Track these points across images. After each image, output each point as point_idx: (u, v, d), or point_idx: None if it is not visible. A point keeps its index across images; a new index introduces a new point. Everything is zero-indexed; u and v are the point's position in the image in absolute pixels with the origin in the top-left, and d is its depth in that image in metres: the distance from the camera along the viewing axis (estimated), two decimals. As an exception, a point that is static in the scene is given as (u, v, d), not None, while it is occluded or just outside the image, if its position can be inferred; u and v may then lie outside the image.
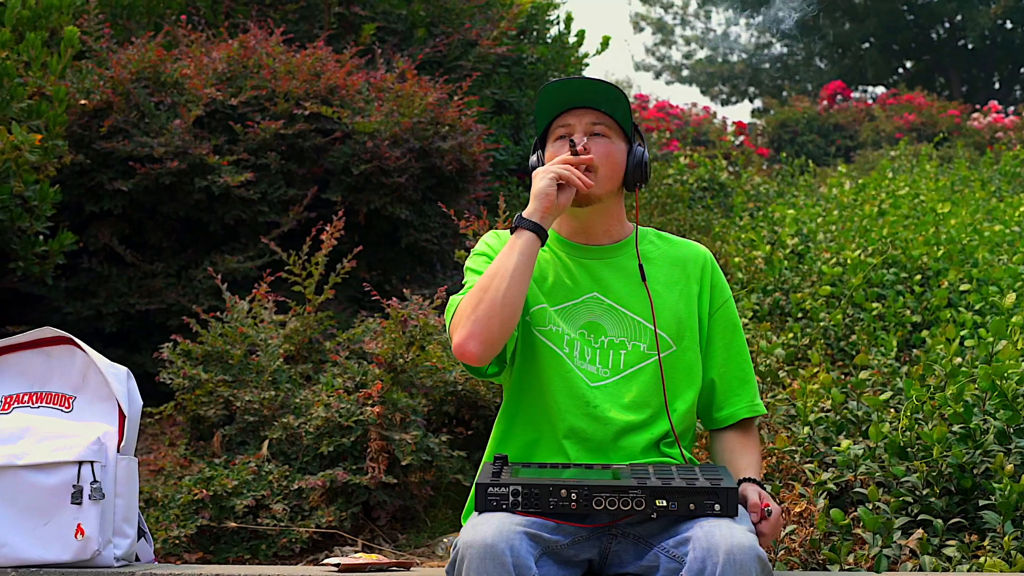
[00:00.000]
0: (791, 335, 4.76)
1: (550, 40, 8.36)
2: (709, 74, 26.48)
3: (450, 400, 4.33)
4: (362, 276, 5.38)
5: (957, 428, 3.22)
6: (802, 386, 3.81)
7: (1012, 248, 5.62)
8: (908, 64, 25.94)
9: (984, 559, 2.77)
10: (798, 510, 3.25)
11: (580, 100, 2.47)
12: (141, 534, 2.75)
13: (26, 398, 2.74)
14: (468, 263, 2.52)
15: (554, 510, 2.14)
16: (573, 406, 2.39)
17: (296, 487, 3.87)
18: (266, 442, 4.11)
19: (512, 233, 2.37)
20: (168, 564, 3.27)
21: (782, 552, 3.10)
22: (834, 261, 5.44)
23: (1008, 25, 23.49)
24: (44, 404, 2.73)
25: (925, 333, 4.45)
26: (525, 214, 2.36)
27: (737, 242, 6.42)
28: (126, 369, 2.76)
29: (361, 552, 3.59)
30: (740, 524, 2.12)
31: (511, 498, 2.14)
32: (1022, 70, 24.79)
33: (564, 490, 2.14)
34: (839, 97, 16.96)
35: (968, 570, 2.78)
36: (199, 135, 5.40)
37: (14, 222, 4.61)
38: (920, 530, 2.96)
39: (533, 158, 2.55)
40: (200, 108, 5.40)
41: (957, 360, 3.52)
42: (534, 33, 8.27)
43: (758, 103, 25.40)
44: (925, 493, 3.09)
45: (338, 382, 4.21)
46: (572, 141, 2.41)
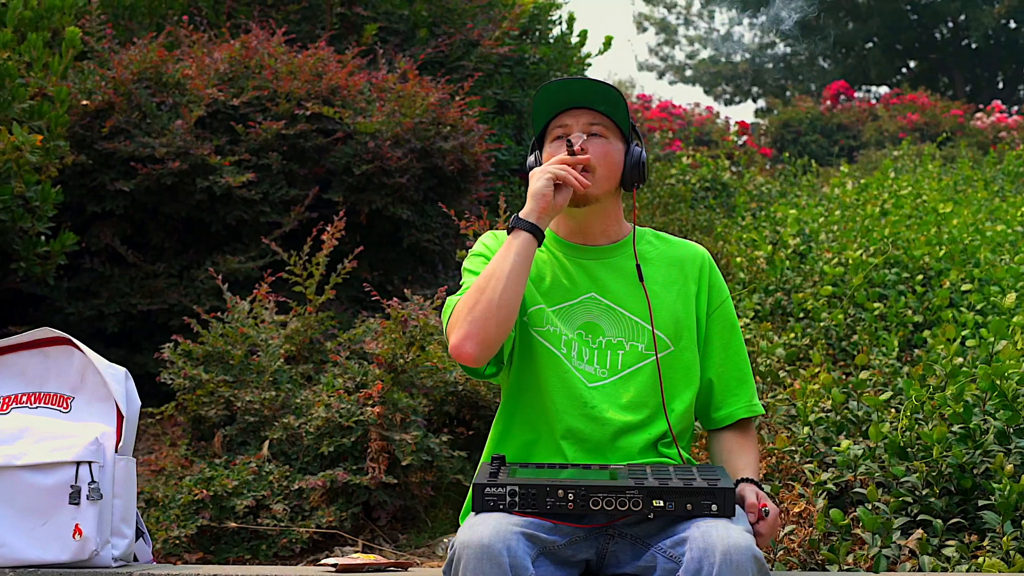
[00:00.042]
0: (792, 335, 4.75)
1: (552, 40, 8.35)
2: (712, 74, 26.47)
3: (451, 400, 4.33)
4: (364, 276, 5.38)
5: (957, 428, 3.21)
6: (803, 386, 3.80)
7: (1014, 248, 5.61)
8: (912, 64, 25.91)
9: (983, 559, 2.76)
10: (797, 510, 3.24)
11: (578, 100, 2.47)
12: (139, 534, 2.75)
13: (24, 398, 2.75)
14: (466, 264, 2.52)
15: (551, 510, 2.14)
16: (571, 406, 2.39)
17: (296, 487, 3.87)
18: (267, 442, 4.11)
19: (509, 234, 2.36)
20: (166, 564, 3.27)
21: (781, 552, 3.09)
22: (836, 261, 5.43)
23: (1012, 25, 23.46)
24: (42, 404, 2.73)
25: (927, 333, 4.44)
26: (522, 215, 2.36)
27: (739, 242, 6.42)
28: (124, 369, 2.77)
29: (359, 552, 3.59)
30: (737, 524, 2.11)
31: (508, 498, 2.14)
32: (1026, 70, 24.79)
33: (561, 490, 2.14)
34: (842, 97, 16.95)
35: (967, 570, 2.78)
36: (201, 135, 5.41)
37: (16, 222, 4.62)
38: (920, 530, 2.95)
39: (531, 158, 2.54)
40: (202, 108, 5.41)
41: (958, 360, 3.51)
42: (536, 33, 8.27)
43: (761, 103, 25.38)
44: (925, 493, 3.08)
45: (339, 382, 4.21)
46: (569, 141, 2.40)
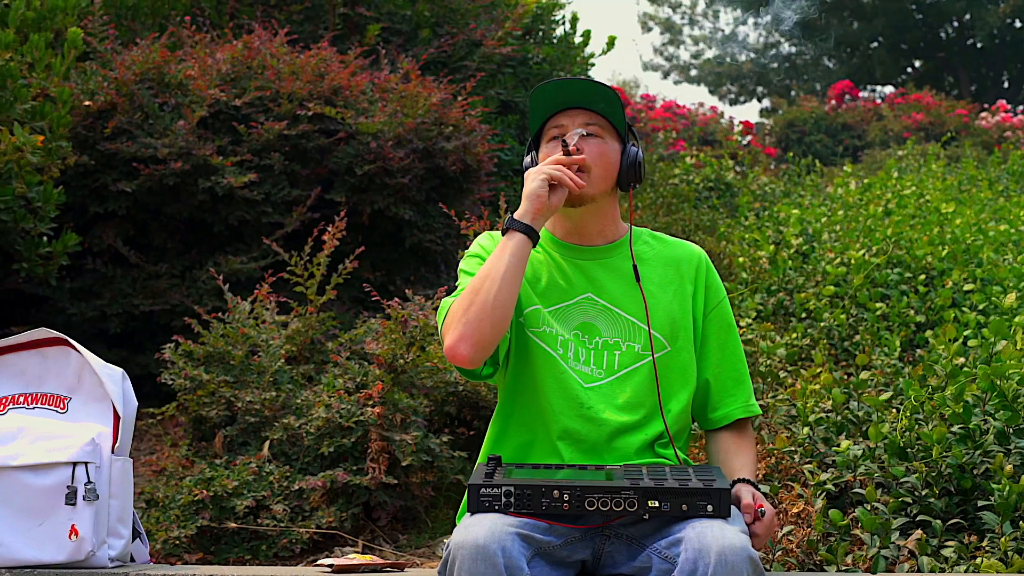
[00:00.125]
0: (795, 335, 4.75)
1: (556, 40, 8.35)
2: (717, 74, 26.46)
3: (451, 400, 4.33)
4: (366, 277, 5.38)
5: (957, 428, 3.20)
6: (803, 386, 3.80)
7: (1017, 248, 5.60)
8: (917, 63, 25.88)
9: (981, 560, 2.76)
10: (796, 510, 3.23)
11: (573, 100, 2.46)
12: (136, 535, 2.75)
13: (21, 399, 2.75)
14: (461, 264, 2.51)
15: (546, 511, 2.14)
16: (567, 407, 2.38)
17: (297, 488, 3.87)
18: (267, 443, 4.11)
19: (503, 235, 2.36)
20: (162, 564, 3.28)
21: (779, 553, 3.09)
22: (838, 261, 5.42)
23: (1017, 24, 23.43)
24: (39, 405, 2.74)
25: (929, 333, 4.43)
26: (516, 215, 2.35)
27: (742, 242, 6.41)
28: (120, 370, 2.77)
29: (355, 553, 3.59)
30: (733, 525, 2.11)
31: (503, 499, 2.14)
32: (1031, 69, 24.74)
33: (556, 491, 2.14)
34: (847, 97, 16.92)
35: (964, 571, 2.77)
36: (203, 136, 5.41)
37: (18, 223, 4.63)
38: (919, 531, 2.95)
39: (527, 159, 2.54)
40: (204, 109, 5.41)
41: (959, 360, 3.50)
42: (540, 33, 8.26)
43: (766, 103, 25.39)
44: (924, 494, 3.07)
45: (339, 383, 4.22)
46: (564, 141, 2.40)
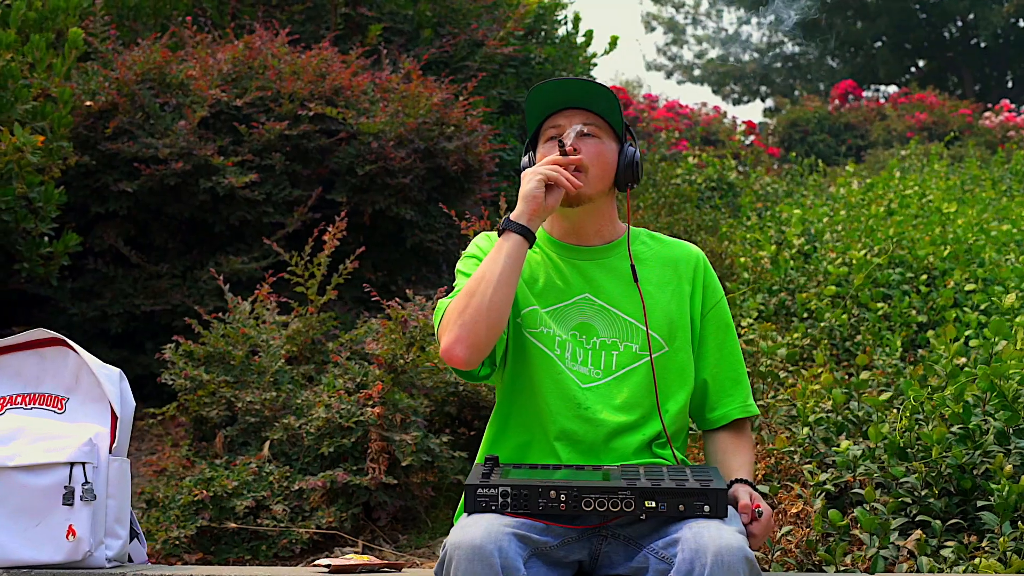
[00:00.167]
0: (796, 335, 4.74)
1: (558, 40, 8.35)
2: (721, 73, 26.44)
3: (452, 401, 4.33)
4: (367, 277, 5.38)
5: (957, 429, 3.20)
6: (803, 386, 3.79)
7: (1019, 248, 5.59)
8: (920, 63, 25.85)
9: (979, 560, 2.75)
10: (795, 511, 3.23)
11: (571, 100, 2.45)
12: (134, 535, 2.75)
13: (19, 399, 2.75)
14: (459, 265, 2.51)
15: (543, 511, 2.14)
16: (564, 408, 2.38)
17: (297, 488, 3.87)
18: (267, 443, 4.11)
19: (499, 235, 2.35)
20: (160, 565, 3.27)
21: (778, 553, 3.08)
22: (840, 261, 5.41)
23: (1021, 24, 23.39)
24: (37, 405, 2.74)
25: (930, 333, 4.42)
26: (512, 216, 2.35)
27: (744, 242, 6.41)
28: (118, 370, 2.77)
29: (353, 554, 3.59)
30: (730, 525, 2.10)
31: (500, 499, 2.13)
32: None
33: (553, 491, 2.13)
34: (850, 96, 16.89)
35: (963, 571, 2.77)
36: (204, 136, 5.42)
37: (19, 223, 4.63)
38: (918, 531, 2.94)
39: (524, 159, 2.54)
40: (205, 109, 5.42)
41: (960, 360, 3.50)
42: (542, 33, 8.27)
43: (770, 102, 25.36)
44: (924, 494, 3.07)
45: (339, 383, 4.22)
46: (561, 142, 2.39)
